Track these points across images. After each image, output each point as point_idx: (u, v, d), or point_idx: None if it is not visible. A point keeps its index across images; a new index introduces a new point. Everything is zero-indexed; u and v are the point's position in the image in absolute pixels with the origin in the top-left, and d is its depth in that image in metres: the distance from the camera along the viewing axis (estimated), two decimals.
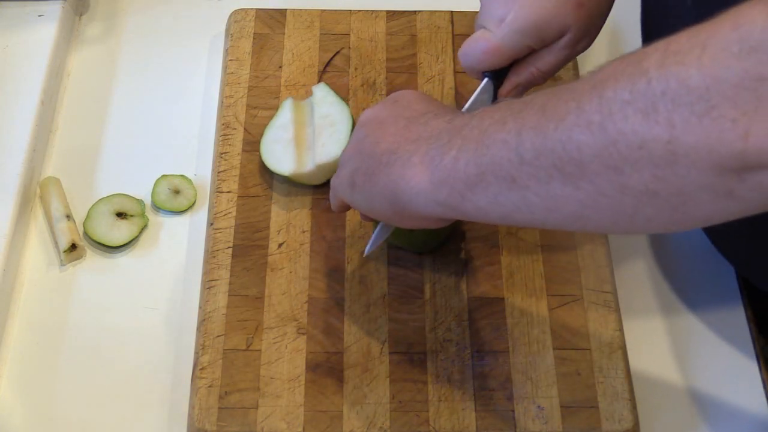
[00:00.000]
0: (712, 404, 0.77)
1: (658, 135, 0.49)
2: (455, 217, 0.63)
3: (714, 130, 0.47)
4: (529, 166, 0.55)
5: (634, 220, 0.53)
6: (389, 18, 0.97)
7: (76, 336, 0.79)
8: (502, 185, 0.57)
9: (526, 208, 0.57)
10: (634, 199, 0.52)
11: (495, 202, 0.58)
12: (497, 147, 0.57)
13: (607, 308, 0.78)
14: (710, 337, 0.81)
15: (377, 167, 0.65)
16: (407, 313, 0.78)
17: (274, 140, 0.85)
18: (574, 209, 0.55)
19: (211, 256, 0.81)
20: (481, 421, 0.73)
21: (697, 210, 0.51)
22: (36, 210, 0.86)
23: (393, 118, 0.68)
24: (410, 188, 0.62)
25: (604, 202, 0.53)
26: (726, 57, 0.46)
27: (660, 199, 0.51)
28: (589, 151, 0.52)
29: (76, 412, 0.76)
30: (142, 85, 0.96)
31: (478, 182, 0.58)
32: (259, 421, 0.72)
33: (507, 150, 0.56)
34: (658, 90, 0.48)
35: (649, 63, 0.49)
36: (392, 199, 0.64)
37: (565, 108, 0.53)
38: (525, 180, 0.55)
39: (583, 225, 0.56)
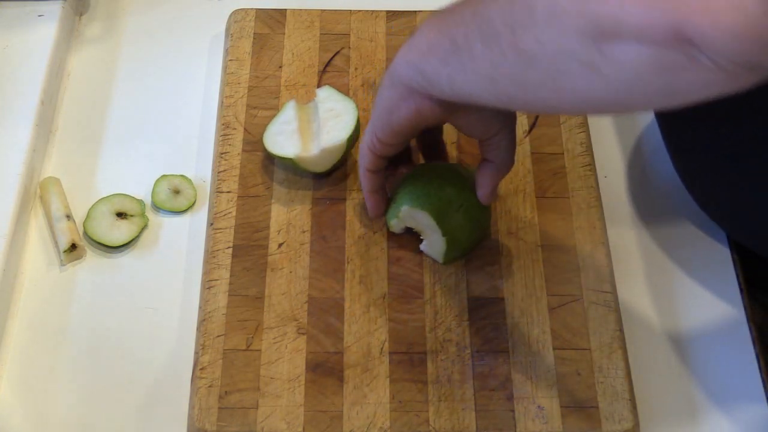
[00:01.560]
0: (712, 404, 0.77)
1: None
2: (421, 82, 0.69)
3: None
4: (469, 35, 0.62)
5: (525, 87, 0.59)
6: (389, 18, 0.97)
7: (76, 336, 0.79)
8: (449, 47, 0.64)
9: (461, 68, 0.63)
10: (523, 63, 0.57)
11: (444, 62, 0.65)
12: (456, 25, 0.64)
13: (607, 308, 0.78)
14: (710, 338, 0.81)
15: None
16: (407, 313, 0.78)
17: (277, 132, 0.85)
18: (487, 69, 0.61)
19: (211, 256, 0.81)
20: (481, 421, 0.73)
21: (570, 82, 0.55)
22: (36, 210, 0.86)
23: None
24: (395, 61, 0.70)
25: (505, 64, 0.59)
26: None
27: (540, 65, 0.56)
28: (496, 17, 0.58)
29: (76, 412, 0.76)
30: (142, 85, 0.96)
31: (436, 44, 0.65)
32: (259, 421, 0.72)
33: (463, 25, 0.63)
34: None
35: None
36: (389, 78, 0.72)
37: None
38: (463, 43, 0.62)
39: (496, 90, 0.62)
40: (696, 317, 0.82)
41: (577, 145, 0.88)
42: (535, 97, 0.60)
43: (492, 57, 0.59)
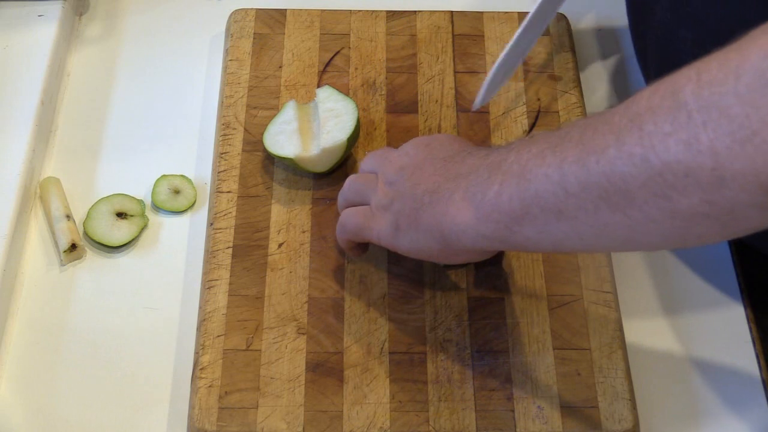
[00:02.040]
0: (712, 404, 0.77)
1: (702, 163, 0.51)
2: (503, 248, 0.65)
3: (758, 154, 0.49)
4: (575, 198, 0.57)
5: (685, 238, 0.56)
6: (389, 18, 0.97)
7: (76, 336, 0.79)
8: (549, 217, 0.59)
9: (576, 236, 0.59)
10: (684, 222, 0.54)
11: (544, 232, 0.60)
12: (540, 181, 0.59)
13: (607, 308, 0.78)
14: (710, 338, 0.81)
15: (420, 208, 0.67)
16: (407, 313, 0.78)
17: (277, 132, 0.85)
18: (624, 234, 0.56)
19: (211, 256, 0.81)
20: (481, 421, 0.73)
21: (746, 223, 0.53)
22: (36, 210, 0.86)
23: (429, 160, 0.70)
24: (456, 225, 0.65)
25: (653, 227, 0.55)
26: (762, 84, 0.48)
27: (710, 219, 0.53)
28: (634, 182, 0.54)
29: (76, 412, 0.76)
30: (142, 85, 0.96)
31: (523, 216, 0.60)
32: (259, 421, 0.72)
33: (550, 184, 0.58)
34: (699, 121, 0.50)
35: (686, 95, 0.51)
36: (439, 237, 0.67)
37: (604, 141, 0.55)
38: (572, 211, 0.57)
39: (633, 247, 0.59)
40: (696, 317, 0.82)
41: None
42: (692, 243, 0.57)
43: (631, 223, 0.55)
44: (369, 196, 0.74)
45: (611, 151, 0.54)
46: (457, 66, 0.93)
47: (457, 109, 0.90)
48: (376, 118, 0.90)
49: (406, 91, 0.92)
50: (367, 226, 0.73)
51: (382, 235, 0.72)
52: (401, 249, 0.71)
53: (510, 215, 0.61)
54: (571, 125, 0.59)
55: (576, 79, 0.92)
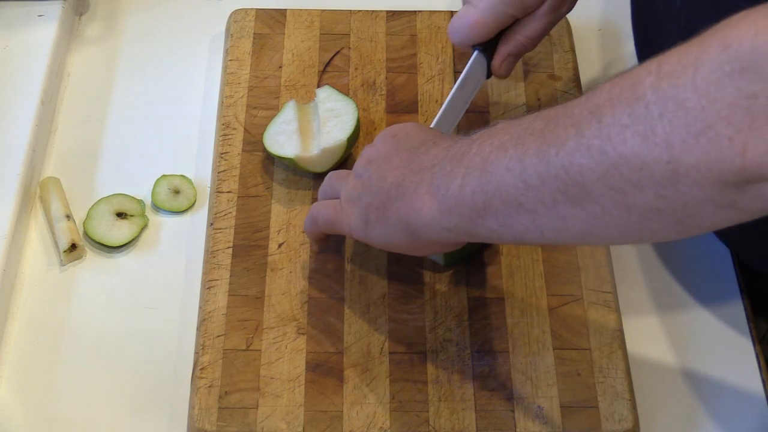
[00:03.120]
0: (712, 404, 0.77)
1: (658, 156, 0.50)
2: (469, 240, 0.65)
3: (712, 148, 0.48)
4: (535, 191, 0.57)
5: (641, 233, 0.55)
6: (389, 18, 0.97)
7: (76, 336, 0.79)
8: (510, 210, 0.59)
9: (536, 230, 0.59)
10: (640, 217, 0.53)
11: (505, 225, 0.60)
12: (501, 174, 0.58)
13: (607, 308, 0.78)
14: (710, 338, 0.81)
15: (387, 202, 0.67)
16: (407, 313, 0.78)
17: (277, 132, 0.85)
18: (581, 228, 0.56)
19: (211, 256, 0.81)
20: (481, 421, 0.73)
21: (701, 221, 0.53)
22: (36, 210, 0.86)
23: (395, 151, 0.70)
24: (421, 218, 0.65)
25: (610, 221, 0.55)
26: (718, 78, 0.48)
27: (665, 215, 0.52)
28: (591, 175, 0.53)
29: (76, 412, 0.76)
30: (142, 85, 0.96)
31: (486, 208, 0.60)
32: (259, 421, 0.72)
33: (511, 177, 0.58)
34: (656, 113, 0.50)
35: (645, 87, 0.51)
36: (406, 230, 0.67)
37: (565, 134, 0.55)
38: (532, 204, 0.57)
39: (592, 241, 0.60)
40: (696, 317, 0.82)
41: None
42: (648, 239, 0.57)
43: (588, 216, 0.55)
44: (340, 189, 0.74)
45: (570, 144, 0.54)
46: (457, 66, 0.93)
47: None
48: (376, 118, 0.90)
49: (406, 91, 0.92)
50: (338, 220, 0.73)
51: (353, 229, 0.71)
52: (373, 242, 0.71)
53: (472, 208, 0.61)
54: (534, 116, 0.59)
55: (576, 79, 0.92)
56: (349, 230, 0.72)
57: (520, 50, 0.81)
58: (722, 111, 0.48)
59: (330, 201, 0.75)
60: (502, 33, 0.80)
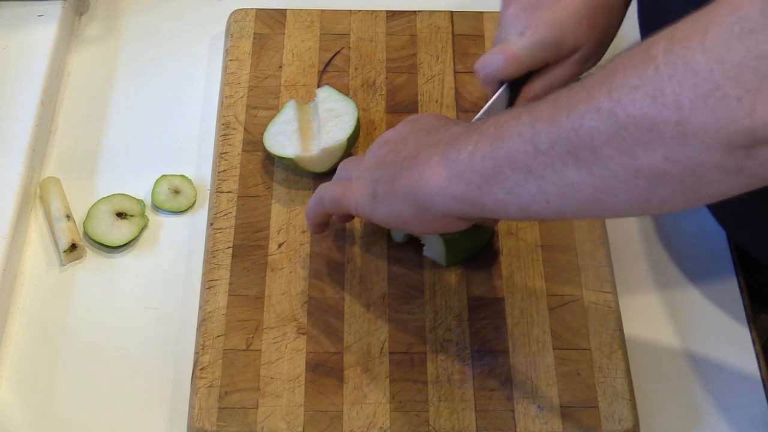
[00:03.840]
0: (712, 404, 0.77)
1: (666, 117, 0.50)
2: (475, 212, 0.64)
3: (720, 109, 0.48)
4: (544, 156, 0.57)
5: (649, 202, 0.55)
6: (389, 18, 0.97)
7: (76, 336, 0.79)
8: (519, 176, 0.59)
9: (542, 198, 0.58)
10: (648, 182, 0.53)
11: (512, 193, 0.60)
12: (512, 140, 0.59)
13: (607, 308, 0.78)
14: (710, 338, 0.81)
15: (398, 174, 0.67)
16: (407, 313, 0.78)
17: (277, 132, 0.85)
18: (589, 194, 0.56)
19: (211, 256, 0.81)
20: (481, 421, 0.73)
21: (709, 188, 0.52)
22: (36, 210, 0.86)
23: (414, 132, 0.70)
24: (429, 187, 0.64)
25: (618, 186, 0.55)
26: (727, 38, 0.48)
27: (673, 180, 0.52)
28: (601, 137, 0.53)
29: (76, 412, 0.76)
30: (142, 85, 0.96)
31: (494, 174, 0.60)
32: (259, 421, 0.72)
33: (522, 142, 0.58)
34: (665, 74, 0.50)
35: (657, 50, 0.51)
36: (413, 202, 0.66)
37: (576, 98, 0.55)
38: (541, 169, 0.57)
39: (598, 210, 0.59)
40: (696, 317, 0.82)
41: None
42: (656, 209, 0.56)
43: (595, 182, 0.55)
44: (351, 171, 0.74)
45: (581, 107, 0.54)
46: (457, 66, 0.93)
47: (457, 109, 0.90)
48: (376, 118, 0.90)
49: (406, 91, 0.92)
50: (345, 197, 0.72)
51: (359, 204, 0.71)
52: (378, 217, 0.70)
53: (481, 174, 0.61)
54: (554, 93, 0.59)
55: (576, 79, 0.92)
56: (355, 207, 0.71)
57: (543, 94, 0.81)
58: (730, 72, 0.48)
59: (339, 181, 0.75)
60: (529, 75, 0.81)
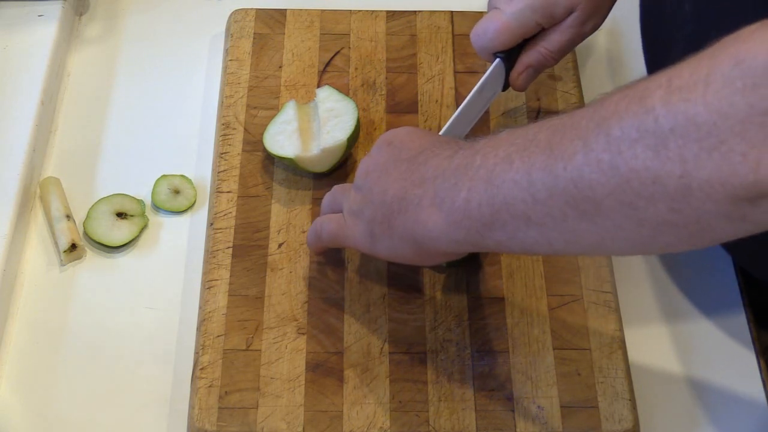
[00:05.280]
0: (713, 404, 0.77)
1: (670, 170, 0.50)
2: (477, 251, 0.64)
3: (725, 163, 0.48)
4: (543, 205, 0.56)
5: (652, 246, 0.55)
6: (389, 18, 0.97)
7: (76, 336, 0.79)
8: (519, 223, 0.58)
9: (545, 242, 0.58)
10: (652, 230, 0.53)
11: (514, 238, 0.59)
12: (508, 187, 0.58)
13: (607, 308, 0.78)
14: (710, 337, 0.81)
15: (391, 215, 0.67)
16: (407, 313, 0.78)
17: (277, 132, 0.85)
18: (592, 241, 0.56)
19: (211, 256, 0.81)
20: (481, 421, 0.73)
21: (713, 234, 0.52)
22: (36, 210, 0.86)
23: (393, 162, 0.69)
24: (428, 231, 0.64)
25: (621, 234, 0.54)
26: (730, 93, 0.48)
27: (677, 228, 0.52)
28: (602, 189, 0.53)
29: (76, 412, 0.76)
30: (142, 85, 0.96)
31: (493, 222, 0.60)
32: (259, 421, 0.72)
33: (519, 190, 0.57)
34: (667, 127, 0.50)
35: (654, 100, 0.50)
36: (412, 242, 0.66)
37: (572, 147, 0.54)
38: (540, 218, 0.57)
39: (602, 253, 0.60)
40: (696, 317, 0.82)
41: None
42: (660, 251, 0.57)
43: (598, 230, 0.55)
44: (342, 203, 0.73)
45: (579, 158, 0.54)
46: (457, 66, 0.93)
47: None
48: (376, 118, 0.90)
49: (406, 91, 0.92)
50: (342, 234, 0.73)
51: (358, 242, 0.71)
52: (379, 255, 0.71)
53: (480, 221, 0.60)
54: (538, 126, 0.58)
55: (576, 79, 0.92)
56: (355, 244, 0.72)
57: (540, 63, 0.81)
58: (735, 127, 0.47)
59: (333, 215, 0.74)
60: (524, 44, 0.80)
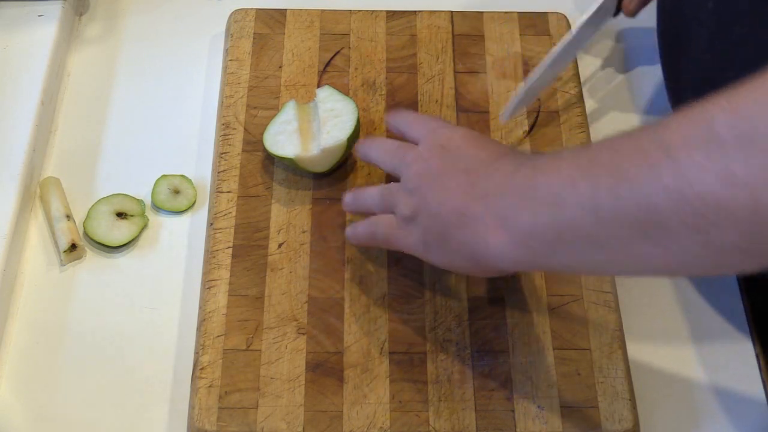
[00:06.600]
0: (713, 404, 0.77)
1: (740, 199, 0.50)
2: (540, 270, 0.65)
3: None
4: (609, 229, 0.56)
5: (721, 268, 0.55)
6: (389, 18, 0.97)
7: (76, 336, 0.79)
8: (585, 246, 0.58)
9: (612, 265, 0.59)
10: (720, 254, 0.53)
11: (580, 260, 0.59)
12: (573, 210, 0.58)
13: (607, 308, 0.78)
14: (710, 337, 0.81)
15: (448, 229, 0.66)
16: (407, 313, 0.78)
17: (277, 132, 0.85)
18: (660, 264, 0.56)
19: (211, 256, 0.81)
20: (481, 421, 0.73)
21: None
22: (36, 210, 0.86)
23: (450, 171, 0.68)
24: (489, 249, 0.63)
25: (690, 258, 0.54)
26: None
27: (746, 253, 0.52)
28: (669, 215, 0.52)
29: (76, 412, 0.76)
30: (142, 85, 0.96)
31: (559, 243, 0.59)
32: (259, 421, 0.72)
33: (584, 213, 0.57)
34: (734, 154, 0.49)
35: (719, 126, 0.50)
36: (470, 257, 0.66)
37: (637, 171, 0.54)
38: (606, 241, 0.57)
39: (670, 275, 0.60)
40: (696, 317, 0.82)
41: (577, 145, 0.88)
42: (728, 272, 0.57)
43: (665, 255, 0.54)
44: (395, 204, 0.72)
45: (644, 183, 0.53)
46: (457, 66, 0.93)
47: (457, 109, 0.90)
48: (376, 118, 0.90)
49: (406, 91, 0.92)
50: (397, 238, 0.72)
51: (411, 249, 0.71)
52: (432, 262, 0.70)
53: (545, 243, 0.60)
54: (599, 147, 0.58)
55: (576, 79, 0.92)
56: (407, 248, 0.72)
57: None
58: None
59: (387, 217, 0.73)
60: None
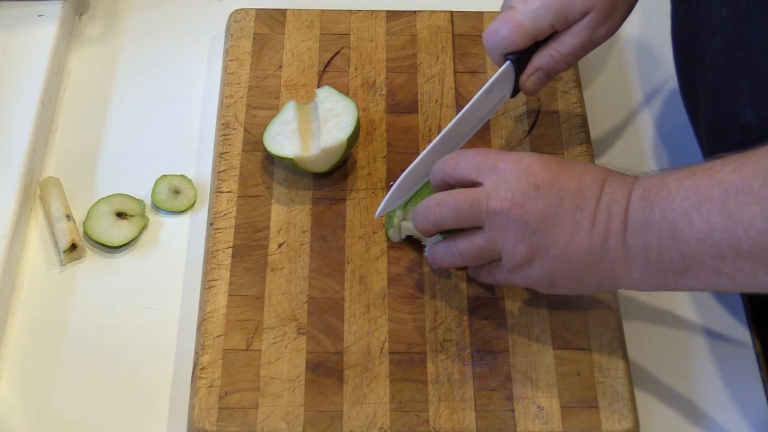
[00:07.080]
0: (713, 404, 0.77)
1: None
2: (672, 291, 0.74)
3: None
4: (731, 263, 0.61)
5: None
6: (389, 18, 0.97)
7: (76, 336, 0.79)
8: (710, 275, 0.62)
9: (739, 288, 0.63)
10: None
11: (708, 286, 0.64)
12: (695, 244, 0.62)
13: (607, 308, 0.78)
14: (710, 337, 0.81)
15: (578, 272, 0.69)
16: (407, 313, 0.78)
17: (277, 132, 0.85)
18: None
19: (211, 256, 0.81)
20: (481, 421, 0.73)
21: None
22: (36, 210, 0.86)
23: (557, 214, 0.68)
24: (622, 283, 0.68)
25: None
26: None
27: None
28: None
29: (76, 412, 0.76)
30: (142, 85, 0.96)
31: (686, 272, 0.63)
32: (259, 421, 0.72)
33: (706, 248, 0.61)
34: None
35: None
36: (603, 287, 0.72)
37: (749, 212, 0.58)
38: (730, 272, 0.61)
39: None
40: (696, 317, 0.82)
41: (577, 145, 0.88)
42: None
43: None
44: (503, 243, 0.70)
45: (758, 224, 0.58)
46: (457, 66, 0.93)
47: (457, 109, 0.90)
48: (376, 118, 0.90)
49: (406, 91, 0.92)
50: (506, 279, 0.73)
51: (532, 287, 0.73)
52: (558, 294, 0.72)
53: (673, 272, 0.64)
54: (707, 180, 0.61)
55: (576, 79, 0.92)
56: (526, 286, 0.74)
57: (551, 66, 0.80)
58: None
59: (493, 266, 0.73)
60: (536, 48, 0.79)
